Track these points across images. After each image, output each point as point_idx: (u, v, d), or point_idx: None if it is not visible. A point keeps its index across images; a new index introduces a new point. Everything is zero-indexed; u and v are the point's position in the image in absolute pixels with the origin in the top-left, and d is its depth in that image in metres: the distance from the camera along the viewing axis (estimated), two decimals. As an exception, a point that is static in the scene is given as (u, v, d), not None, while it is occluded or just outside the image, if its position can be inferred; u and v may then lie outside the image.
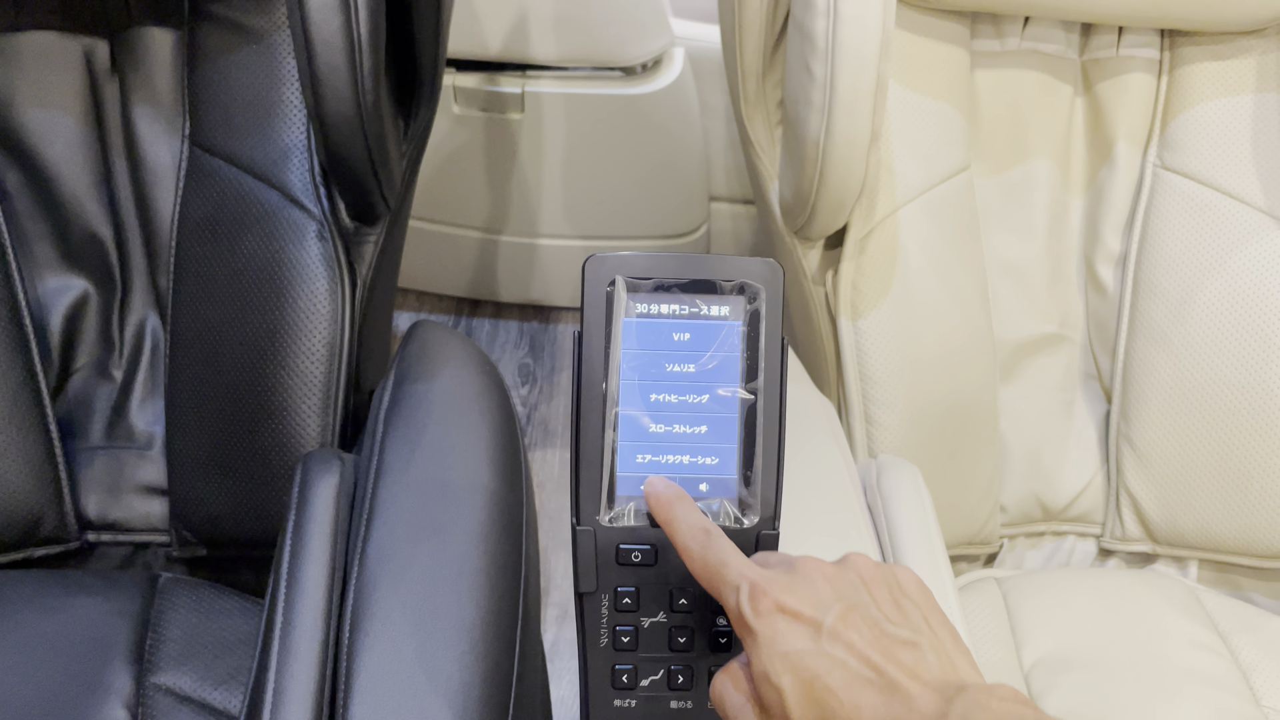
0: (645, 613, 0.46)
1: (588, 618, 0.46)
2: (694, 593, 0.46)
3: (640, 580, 0.46)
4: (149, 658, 0.76)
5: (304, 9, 0.71)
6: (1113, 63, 0.95)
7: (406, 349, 0.80)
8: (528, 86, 1.36)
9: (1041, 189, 0.96)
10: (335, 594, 0.61)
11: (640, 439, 0.47)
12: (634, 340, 0.47)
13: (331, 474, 0.68)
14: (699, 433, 0.47)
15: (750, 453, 0.47)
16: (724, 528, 0.46)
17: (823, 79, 0.75)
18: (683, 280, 0.46)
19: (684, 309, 0.47)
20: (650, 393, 0.47)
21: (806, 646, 0.40)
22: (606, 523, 0.46)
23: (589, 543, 0.46)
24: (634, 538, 0.46)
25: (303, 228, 0.82)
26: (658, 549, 0.46)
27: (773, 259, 0.47)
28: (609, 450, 0.46)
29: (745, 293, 0.47)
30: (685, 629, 0.47)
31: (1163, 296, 0.92)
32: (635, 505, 0.47)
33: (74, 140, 0.89)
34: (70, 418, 0.90)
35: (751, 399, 0.47)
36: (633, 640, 0.46)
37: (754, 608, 0.41)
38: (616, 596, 0.46)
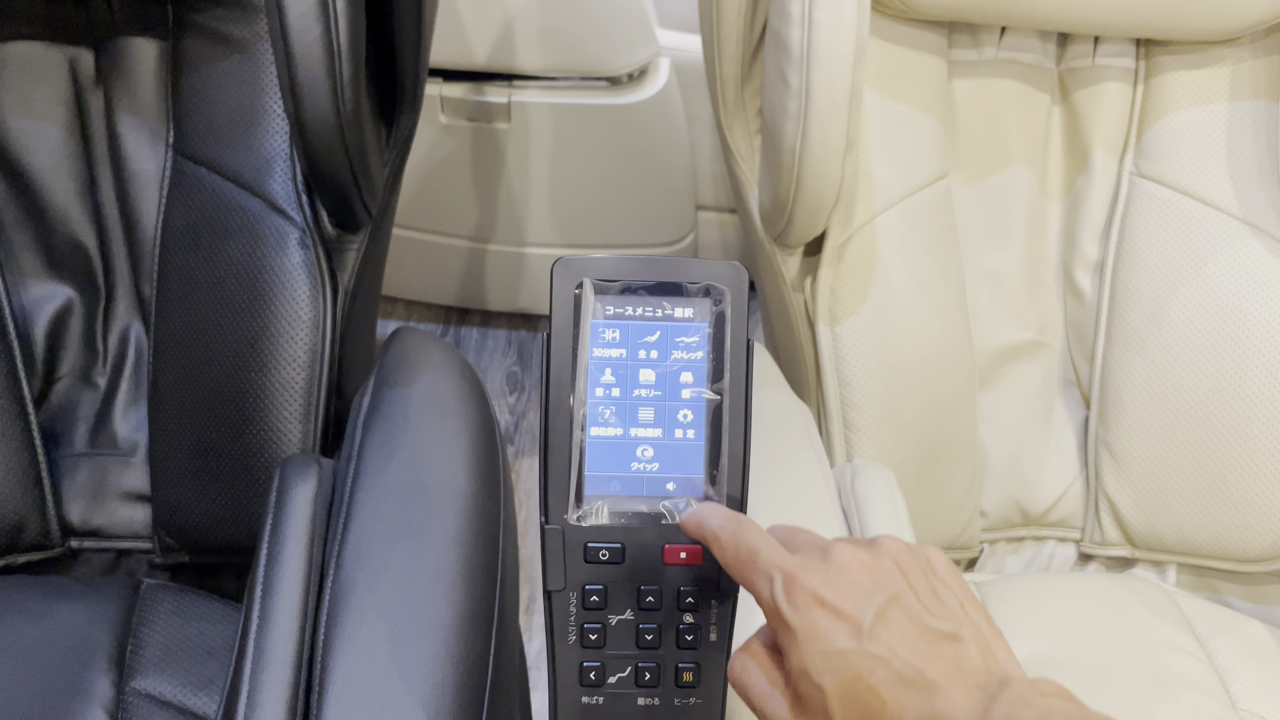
0: (613, 610, 0.47)
1: (556, 615, 0.47)
2: (661, 591, 0.47)
3: (608, 578, 0.47)
4: (130, 663, 0.76)
5: (283, 18, 0.71)
6: (1089, 72, 0.96)
7: (387, 355, 0.80)
8: (514, 96, 1.37)
9: (1020, 197, 0.97)
10: (311, 597, 0.61)
11: (608, 439, 0.47)
12: (601, 341, 0.47)
13: (309, 478, 0.68)
14: (666, 433, 0.47)
15: (716, 452, 0.47)
16: (690, 526, 0.47)
17: (798, 87, 0.76)
18: (649, 283, 0.47)
19: (651, 311, 0.47)
20: (618, 393, 0.47)
21: (848, 646, 0.39)
22: (574, 521, 0.47)
23: (557, 541, 0.47)
24: (602, 536, 0.47)
25: (285, 235, 0.83)
26: (625, 548, 0.47)
27: (737, 261, 0.47)
28: (577, 450, 0.47)
29: (711, 295, 0.47)
30: (652, 626, 0.47)
31: (1139, 303, 0.93)
32: (603, 504, 0.47)
33: (58, 149, 0.90)
34: (54, 425, 0.90)
35: (718, 399, 0.47)
36: (600, 638, 0.47)
37: (790, 600, 0.40)
38: (584, 594, 0.47)
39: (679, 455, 0.47)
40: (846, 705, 0.39)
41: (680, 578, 0.47)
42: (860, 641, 0.39)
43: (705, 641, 0.47)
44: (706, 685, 0.47)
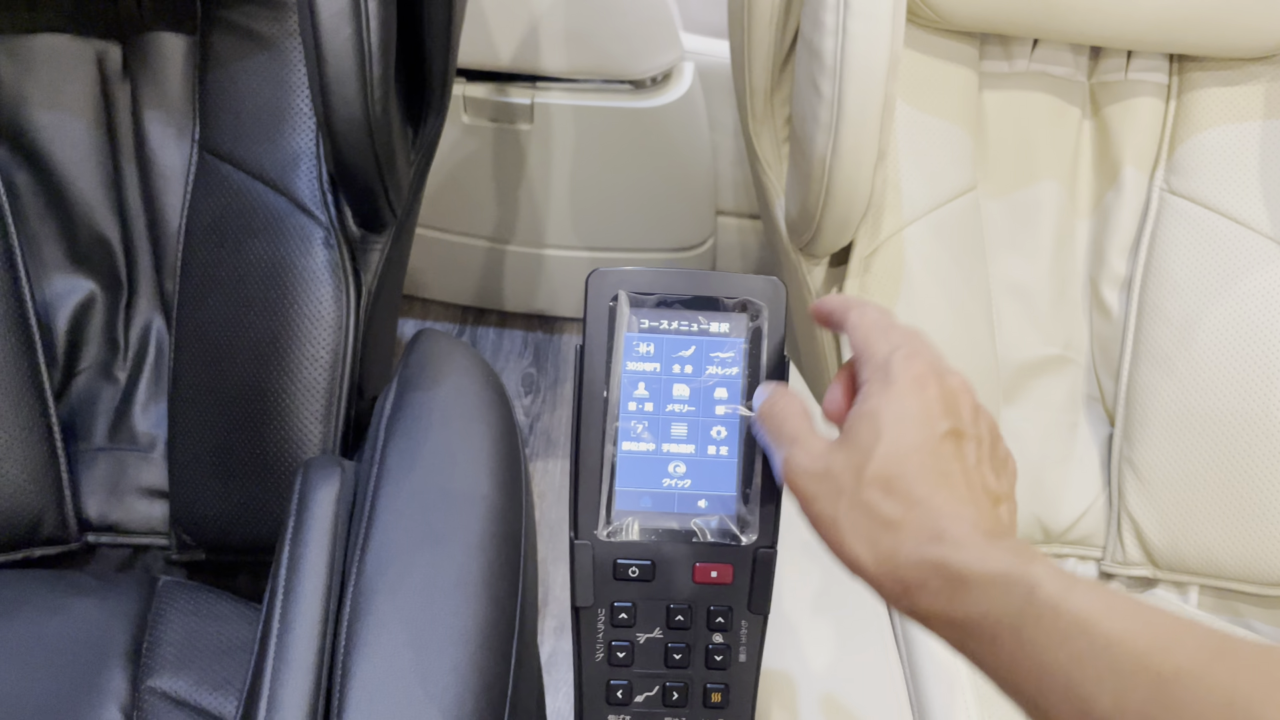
0: (641, 628, 0.46)
1: (584, 632, 0.46)
2: (691, 610, 0.46)
3: (637, 596, 0.46)
4: (145, 661, 0.76)
5: (315, 17, 0.71)
6: (1121, 86, 0.95)
7: (410, 357, 0.80)
8: (537, 98, 1.36)
9: (1048, 210, 0.96)
10: (332, 601, 0.61)
11: (640, 454, 0.47)
12: (636, 355, 0.47)
13: (331, 481, 0.68)
14: (699, 449, 0.47)
15: (750, 470, 0.47)
16: (721, 545, 0.46)
17: (830, 97, 0.75)
18: (686, 296, 0.47)
19: (686, 325, 0.47)
20: (651, 408, 0.47)
21: (932, 425, 0.40)
22: (605, 537, 0.46)
23: (586, 557, 0.46)
24: (632, 553, 0.46)
25: (309, 234, 0.83)
26: (656, 565, 0.46)
27: (776, 277, 0.47)
28: (608, 464, 0.46)
29: (748, 310, 0.47)
30: (681, 646, 0.46)
31: (1167, 320, 0.92)
32: (634, 520, 0.47)
33: (84, 143, 0.90)
34: (73, 419, 0.90)
35: (752, 416, 0.47)
36: (628, 655, 0.46)
37: (907, 361, 0.41)
38: (613, 611, 0.46)
39: (712, 472, 0.47)
40: (892, 462, 0.39)
41: (710, 597, 0.46)
42: (941, 427, 0.40)
43: (735, 662, 0.47)
44: (735, 706, 0.47)
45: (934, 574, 0.37)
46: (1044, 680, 0.34)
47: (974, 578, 0.36)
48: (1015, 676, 0.35)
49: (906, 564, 0.38)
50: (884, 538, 0.39)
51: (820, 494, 0.40)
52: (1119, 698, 0.32)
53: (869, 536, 0.39)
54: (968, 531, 0.38)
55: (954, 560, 0.37)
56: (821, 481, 0.40)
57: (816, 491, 0.40)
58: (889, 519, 0.39)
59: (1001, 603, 0.35)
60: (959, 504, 0.39)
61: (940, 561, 0.37)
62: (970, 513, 0.38)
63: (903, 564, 0.38)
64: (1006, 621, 0.35)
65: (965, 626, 0.36)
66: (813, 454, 0.41)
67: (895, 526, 0.39)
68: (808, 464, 0.41)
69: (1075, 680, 0.33)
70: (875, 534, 0.39)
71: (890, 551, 0.38)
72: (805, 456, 0.41)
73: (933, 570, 0.37)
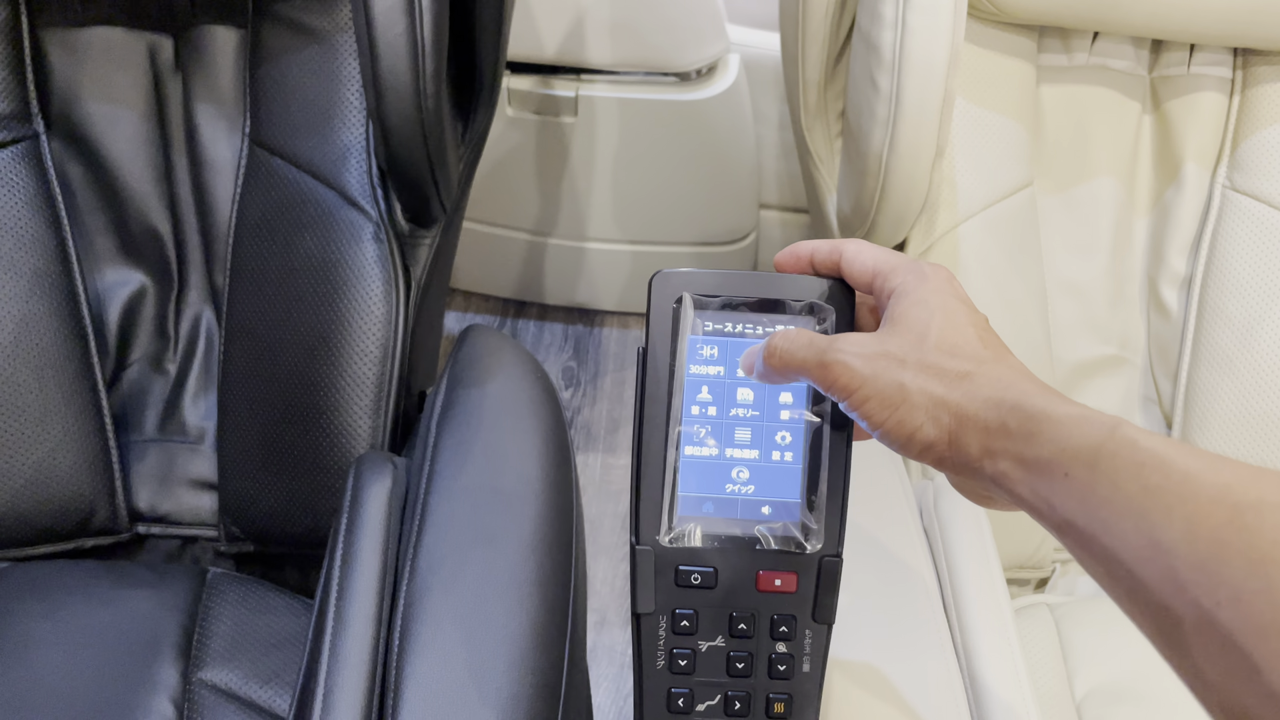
0: (703, 636, 0.46)
1: (644, 639, 0.46)
2: (753, 618, 0.46)
3: (699, 603, 0.46)
4: (196, 653, 0.77)
5: (369, 12, 0.71)
6: (1183, 80, 0.92)
7: (459, 353, 0.80)
8: (582, 90, 1.35)
9: (1106, 207, 0.94)
10: (386, 600, 0.61)
11: (703, 459, 0.46)
12: (699, 358, 0.46)
13: (384, 478, 0.68)
14: (763, 454, 0.46)
15: (815, 477, 0.46)
16: (786, 553, 0.45)
17: (888, 92, 0.74)
18: (751, 299, 0.46)
19: (751, 328, 0.46)
20: (714, 412, 0.46)
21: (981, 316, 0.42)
22: (666, 543, 0.46)
23: (648, 563, 0.45)
24: (694, 559, 0.45)
25: (359, 229, 0.82)
26: (718, 572, 0.45)
27: (843, 279, 0.46)
28: (670, 469, 0.46)
29: (815, 313, 0.46)
30: (744, 654, 0.46)
31: (1228, 321, 0.89)
32: (696, 526, 0.46)
33: (136, 136, 0.90)
34: (124, 410, 0.91)
35: (818, 422, 0.46)
36: (690, 664, 0.46)
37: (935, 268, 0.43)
38: (674, 618, 0.46)
39: (776, 478, 0.46)
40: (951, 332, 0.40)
41: (774, 605, 0.46)
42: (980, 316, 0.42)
43: (798, 672, 0.46)
44: (799, 717, 0.46)
45: (1012, 413, 0.37)
46: (1113, 512, 0.34)
47: (1055, 415, 0.37)
48: (1083, 510, 0.35)
49: (985, 406, 0.38)
50: (957, 387, 0.39)
51: (880, 369, 0.40)
52: (1191, 524, 0.32)
53: (941, 391, 0.39)
54: (1038, 386, 0.39)
55: (1032, 401, 0.37)
56: (878, 359, 0.41)
57: (875, 369, 0.40)
58: (960, 371, 0.40)
59: (1080, 437, 0.36)
60: (1022, 371, 0.40)
61: (1018, 402, 0.38)
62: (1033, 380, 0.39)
63: (980, 408, 0.38)
64: (1083, 456, 0.35)
65: (1037, 465, 0.36)
66: (859, 342, 0.42)
67: (968, 376, 0.39)
68: (858, 349, 0.41)
69: (1146, 509, 0.33)
70: (948, 386, 0.39)
71: (965, 398, 0.39)
72: (852, 345, 0.42)
73: (1011, 410, 0.38)
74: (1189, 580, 0.31)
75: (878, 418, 0.40)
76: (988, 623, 0.66)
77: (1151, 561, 0.32)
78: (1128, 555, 0.33)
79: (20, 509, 0.82)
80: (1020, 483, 0.37)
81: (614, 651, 1.29)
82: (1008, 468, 0.37)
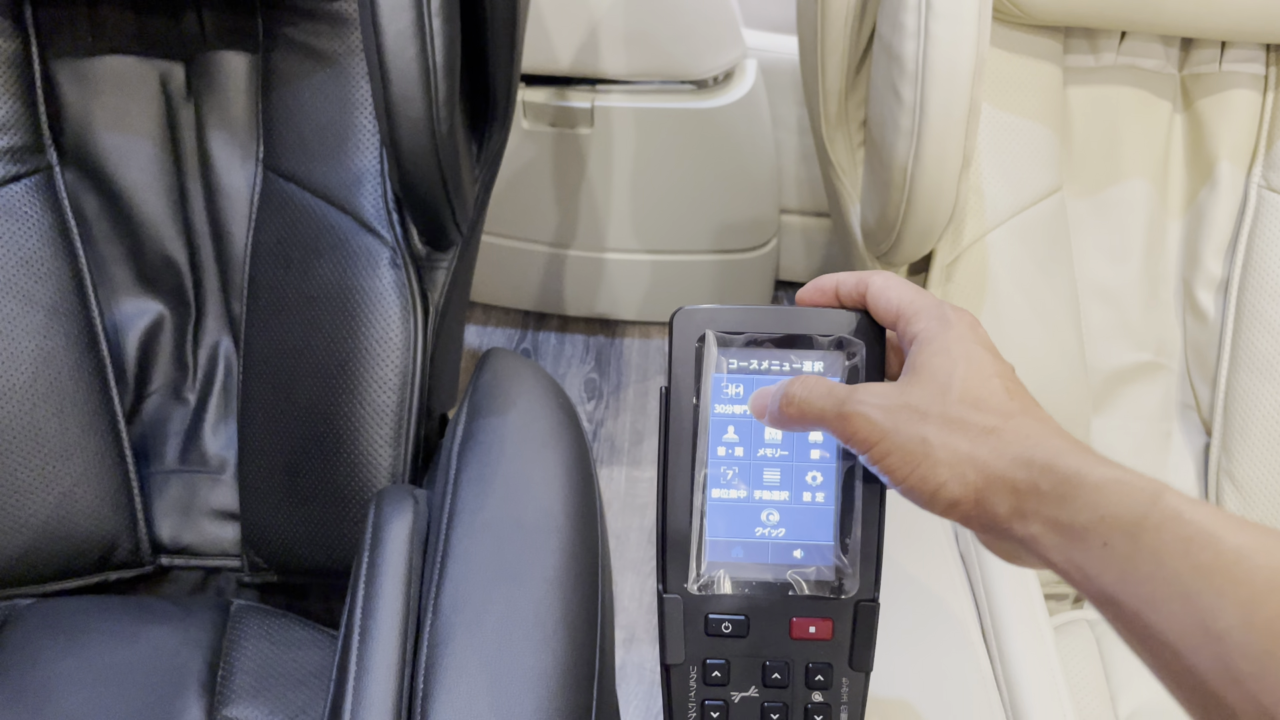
0: (736, 687, 0.44)
1: (675, 690, 0.44)
2: (788, 667, 0.44)
3: (731, 652, 0.44)
4: (220, 689, 0.76)
5: (379, 37, 0.69)
6: (1215, 78, 0.90)
7: (479, 380, 0.78)
8: (598, 101, 1.34)
9: (1138, 210, 0.92)
10: (409, 641, 0.59)
11: (731, 501, 0.44)
12: (724, 397, 0.44)
13: (405, 514, 0.66)
14: (793, 496, 0.44)
15: (849, 519, 0.44)
16: (820, 599, 0.44)
17: (912, 103, 0.72)
18: (776, 335, 0.44)
19: (778, 365, 0.44)
20: (741, 453, 0.44)
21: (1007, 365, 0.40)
22: (695, 590, 0.44)
23: (676, 612, 0.44)
24: (724, 607, 0.44)
25: (376, 255, 0.81)
26: (750, 619, 0.44)
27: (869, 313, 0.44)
28: (698, 514, 0.44)
29: (844, 348, 0.44)
30: (778, 705, 0.44)
31: (1267, 325, 0.87)
32: (725, 572, 0.44)
33: (150, 164, 0.89)
34: (144, 441, 0.90)
35: (851, 462, 0.44)
36: (722, 715, 0.44)
37: (958, 313, 0.41)
38: (705, 669, 0.44)
39: (807, 520, 0.44)
40: (976, 384, 0.38)
41: (809, 653, 0.44)
42: (1006, 366, 0.40)
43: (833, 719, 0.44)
44: (837, 769, 0.44)
45: (1044, 474, 0.35)
46: (1159, 590, 0.32)
47: (1091, 479, 0.34)
48: (1124, 585, 0.33)
49: (1014, 465, 0.36)
50: (984, 443, 0.37)
51: (902, 422, 0.38)
52: (1247, 611, 0.30)
53: (967, 447, 0.37)
54: (1071, 443, 0.36)
55: (1066, 461, 0.35)
56: (900, 411, 0.39)
57: (896, 422, 0.38)
58: (987, 426, 0.37)
59: (1120, 506, 0.34)
60: (1052, 426, 0.38)
61: (1050, 461, 0.35)
62: (1064, 437, 0.37)
63: (1009, 466, 0.36)
64: (1123, 526, 0.33)
65: (1072, 531, 0.34)
66: (880, 392, 0.40)
67: (995, 432, 0.37)
68: (878, 400, 0.39)
69: (1195, 591, 0.31)
70: (974, 442, 0.37)
71: (992, 455, 0.37)
72: (873, 396, 0.40)
73: (1043, 471, 0.35)
74: (1245, 673, 0.29)
75: (899, 473, 0.38)
76: (1028, 648, 0.64)
77: (1202, 648, 0.31)
78: (1175, 638, 0.31)
79: (42, 546, 0.82)
80: (1054, 548, 0.35)
81: (643, 670, 1.28)
82: (1039, 531, 0.35)
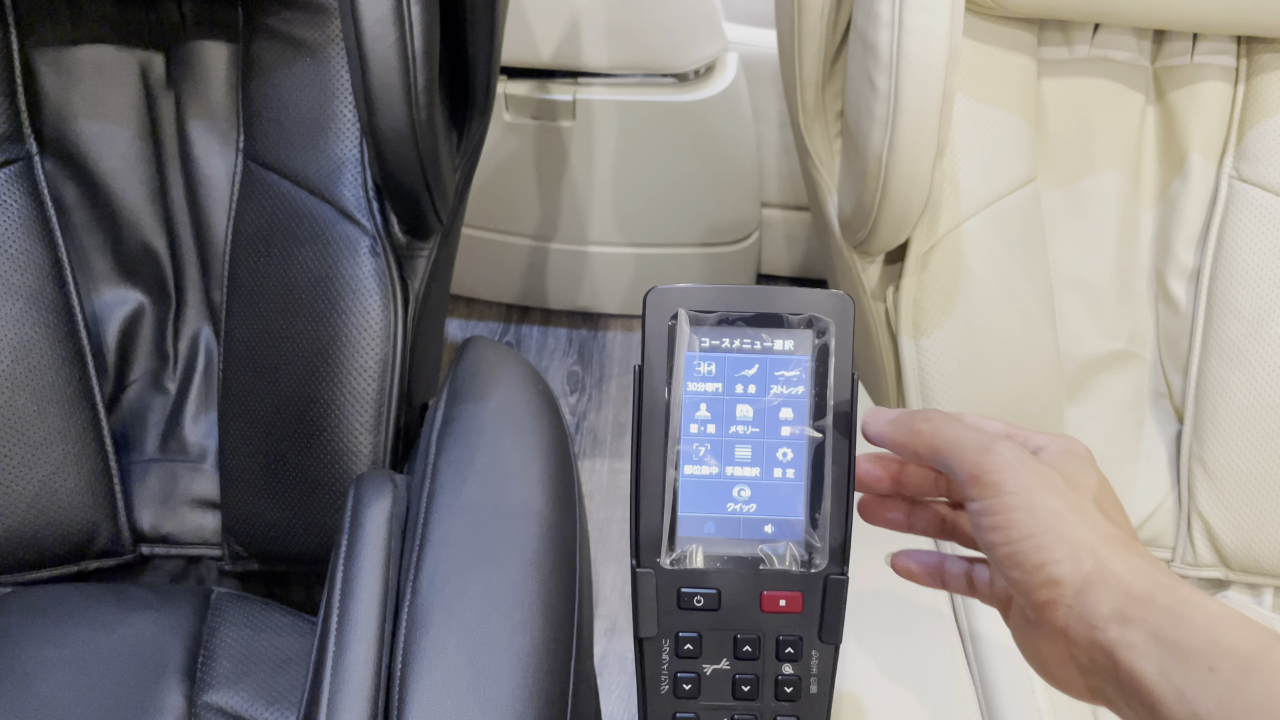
0: (708, 659, 0.45)
1: (648, 663, 0.45)
2: (759, 640, 0.45)
3: (703, 625, 0.45)
4: (201, 675, 0.76)
5: (358, 25, 0.70)
6: (1187, 70, 0.91)
7: (459, 366, 0.79)
8: (579, 94, 1.35)
9: (1111, 201, 0.93)
10: (387, 623, 0.60)
11: (703, 478, 0.45)
12: (697, 375, 0.45)
13: (384, 498, 0.67)
14: (764, 472, 0.45)
15: (818, 494, 0.45)
16: (790, 572, 0.44)
17: (886, 92, 0.73)
18: (748, 314, 0.45)
19: (749, 343, 0.45)
20: (714, 430, 0.45)
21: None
22: (668, 565, 0.45)
23: (649, 586, 0.44)
24: (696, 581, 0.45)
25: (355, 243, 0.82)
26: (721, 593, 0.45)
27: (843, 291, 0.45)
28: (670, 489, 0.45)
29: (814, 327, 0.45)
30: (749, 677, 0.45)
31: (1238, 313, 0.88)
32: (698, 547, 0.45)
33: (130, 153, 0.89)
34: (125, 430, 0.90)
35: (820, 438, 0.45)
36: (694, 688, 0.45)
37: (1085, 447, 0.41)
38: (678, 642, 0.45)
39: (778, 496, 0.45)
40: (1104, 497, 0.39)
41: (779, 626, 0.45)
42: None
43: (806, 694, 0.45)
44: (807, 740, 0.45)
45: (1163, 590, 0.36)
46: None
47: (1210, 609, 0.35)
48: (1222, 710, 0.34)
49: (1133, 571, 0.37)
50: (1109, 544, 0.37)
51: (1043, 487, 0.38)
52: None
53: (1093, 539, 0.37)
54: (1187, 582, 0.37)
55: (1186, 589, 0.36)
56: (1044, 477, 0.39)
57: (1038, 483, 0.39)
58: (1115, 534, 0.38)
59: (1236, 638, 0.34)
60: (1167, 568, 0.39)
61: (1171, 584, 0.36)
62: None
63: (1128, 570, 0.37)
64: (1236, 656, 0.34)
65: (1179, 648, 0.35)
66: (1024, 453, 0.40)
67: (1121, 540, 0.38)
68: (1027, 459, 0.40)
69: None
70: (1100, 538, 0.37)
71: (1115, 556, 0.37)
72: (1022, 452, 0.40)
73: (1162, 587, 0.36)
74: None
75: (1016, 531, 0.38)
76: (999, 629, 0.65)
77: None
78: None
79: (22, 533, 0.82)
80: (1150, 659, 0.35)
81: (625, 659, 1.28)
82: (1140, 640, 0.35)
